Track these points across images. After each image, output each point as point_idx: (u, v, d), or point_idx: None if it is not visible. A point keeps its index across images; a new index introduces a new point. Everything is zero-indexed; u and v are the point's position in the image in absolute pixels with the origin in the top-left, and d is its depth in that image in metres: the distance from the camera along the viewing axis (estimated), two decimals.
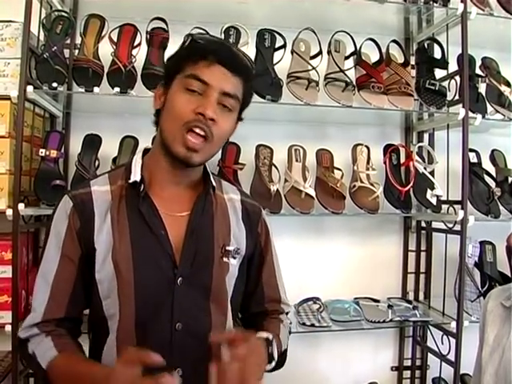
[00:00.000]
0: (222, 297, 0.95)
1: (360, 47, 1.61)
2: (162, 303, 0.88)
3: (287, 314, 1.09)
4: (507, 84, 1.74)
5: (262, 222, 1.05)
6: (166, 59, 0.98)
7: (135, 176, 0.92)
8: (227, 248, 0.96)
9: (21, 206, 1.31)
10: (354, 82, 1.59)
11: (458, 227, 1.60)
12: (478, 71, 1.73)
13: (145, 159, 0.96)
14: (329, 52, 1.62)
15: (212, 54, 0.87)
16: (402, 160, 1.74)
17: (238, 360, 0.76)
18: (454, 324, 1.58)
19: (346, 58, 1.66)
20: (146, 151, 0.99)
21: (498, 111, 1.67)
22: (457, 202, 1.61)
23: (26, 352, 0.88)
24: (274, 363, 0.90)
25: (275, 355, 0.91)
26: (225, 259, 0.95)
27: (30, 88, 1.33)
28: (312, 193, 1.55)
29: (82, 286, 0.90)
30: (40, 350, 0.85)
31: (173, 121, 0.87)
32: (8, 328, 1.30)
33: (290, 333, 1.07)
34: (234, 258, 0.96)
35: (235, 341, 0.78)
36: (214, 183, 0.99)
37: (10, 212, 1.31)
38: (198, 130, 0.86)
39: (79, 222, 0.89)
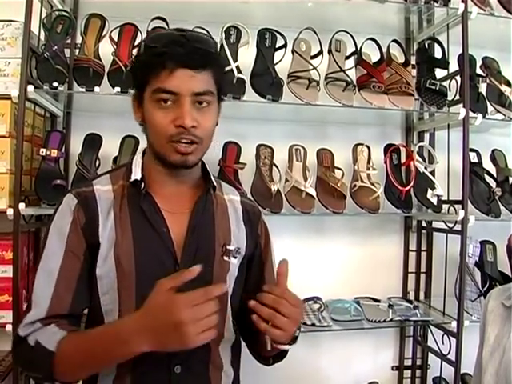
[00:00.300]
0: (223, 296, 0.95)
1: (361, 47, 1.61)
2: None
3: None
4: (508, 84, 1.74)
5: (262, 223, 1.06)
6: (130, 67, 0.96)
7: (136, 175, 0.92)
8: (228, 247, 0.96)
9: (21, 205, 1.31)
10: (355, 82, 1.59)
11: (458, 227, 1.59)
12: (478, 71, 1.73)
13: (144, 160, 0.96)
14: (329, 52, 1.62)
15: (169, 59, 0.84)
16: (403, 160, 1.74)
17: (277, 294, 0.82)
18: (454, 324, 1.58)
19: (347, 57, 1.66)
20: (145, 151, 0.99)
21: (498, 111, 1.67)
22: (457, 202, 1.61)
23: (26, 347, 0.83)
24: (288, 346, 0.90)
25: (297, 339, 0.91)
26: (225, 258, 0.95)
27: (30, 87, 1.32)
28: (313, 192, 1.55)
29: (85, 281, 0.89)
30: (45, 337, 0.82)
31: (157, 135, 0.88)
32: (9, 327, 1.30)
33: None
34: (235, 257, 0.97)
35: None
36: (214, 183, 0.99)
37: (10, 211, 1.31)
38: (184, 141, 0.86)
39: (84, 218, 0.89)
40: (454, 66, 1.68)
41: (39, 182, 1.41)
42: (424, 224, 1.85)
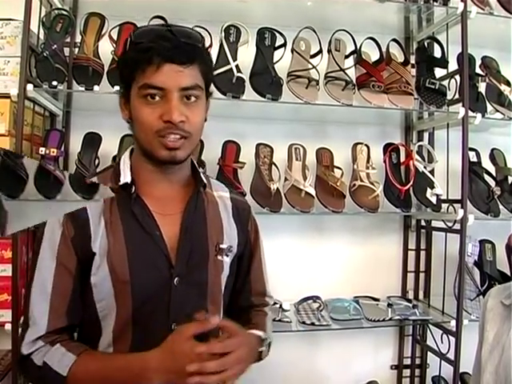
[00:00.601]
0: (217, 295, 0.96)
1: (360, 46, 1.61)
2: (159, 303, 0.88)
3: (273, 304, 1.12)
4: (507, 83, 1.74)
5: (252, 219, 1.06)
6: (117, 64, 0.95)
7: (125, 178, 0.90)
8: (221, 246, 0.96)
9: None
10: (354, 81, 1.59)
11: (457, 226, 1.60)
12: (477, 70, 1.73)
13: (132, 160, 0.94)
14: (329, 51, 1.62)
15: (156, 54, 0.83)
16: (402, 159, 1.74)
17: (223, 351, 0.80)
18: (453, 323, 1.58)
19: (347, 56, 1.66)
20: (132, 151, 0.97)
21: (497, 110, 1.67)
22: (456, 201, 1.61)
23: (32, 365, 0.84)
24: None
25: (263, 355, 0.94)
26: (219, 257, 0.95)
27: (29, 86, 1.32)
28: (312, 192, 1.56)
29: (79, 292, 0.89)
30: (53, 358, 0.83)
31: (145, 132, 0.87)
32: (8, 326, 1.30)
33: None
34: (227, 255, 0.97)
35: (228, 331, 0.83)
36: (204, 181, 0.98)
37: None
38: (172, 136, 0.85)
39: (73, 230, 0.87)
40: (453, 66, 1.68)
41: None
42: (423, 223, 1.85)
